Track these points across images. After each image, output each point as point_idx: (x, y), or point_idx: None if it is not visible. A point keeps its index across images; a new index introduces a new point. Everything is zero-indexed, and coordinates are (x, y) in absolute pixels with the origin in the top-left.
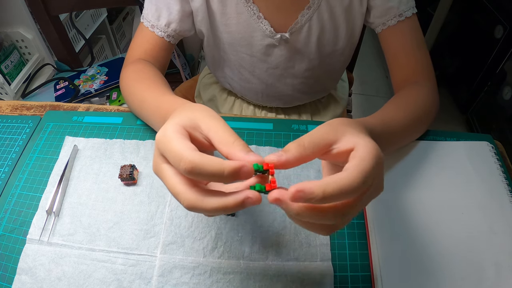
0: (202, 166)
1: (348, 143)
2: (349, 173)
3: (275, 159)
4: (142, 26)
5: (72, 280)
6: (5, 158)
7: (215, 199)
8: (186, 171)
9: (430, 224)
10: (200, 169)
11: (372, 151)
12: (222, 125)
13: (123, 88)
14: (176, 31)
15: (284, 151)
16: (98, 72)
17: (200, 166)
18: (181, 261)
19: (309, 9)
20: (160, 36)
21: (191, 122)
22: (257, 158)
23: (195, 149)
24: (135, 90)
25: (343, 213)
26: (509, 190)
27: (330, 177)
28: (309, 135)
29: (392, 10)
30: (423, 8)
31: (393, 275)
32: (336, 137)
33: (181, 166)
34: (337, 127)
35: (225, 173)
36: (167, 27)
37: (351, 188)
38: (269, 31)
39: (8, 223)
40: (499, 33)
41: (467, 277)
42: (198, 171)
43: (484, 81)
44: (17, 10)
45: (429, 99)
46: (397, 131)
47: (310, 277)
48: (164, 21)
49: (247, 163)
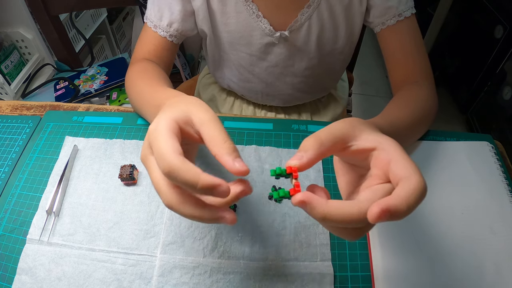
0: (179, 172)
1: (368, 141)
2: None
3: (297, 163)
4: (146, 26)
5: (72, 280)
6: (5, 158)
7: (192, 208)
8: (164, 172)
9: (430, 224)
10: (176, 174)
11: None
12: (214, 122)
13: (126, 86)
14: (178, 31)
15: (303, 151)
16: (98, 72)
17: (177, 172)
18: (181, 261)
19: (309, 7)
20: (163, 36)
21: (184, 115)
22: (242, 168)
23: (180, 153)
24: (135, 86)
25: None
26: (509, 190)
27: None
28: (326, 130)
29: (391, 10)
30: (423, 8)
31: (393, 275)
32: (354, 133)
33: (160, 165)
34: (354, 124)
35: (198, 186)
36: (169, 27)
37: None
38: (268, 30)
39: (8, 223)
40: (499, 33)
41: (467, 277)
42: (174, 176)
43: (484, 81)
44: (17, 10)
45: (429, 99)
46: (402, 131)
47: (310, 277)
48: (166, 21)
49: (224, 184)
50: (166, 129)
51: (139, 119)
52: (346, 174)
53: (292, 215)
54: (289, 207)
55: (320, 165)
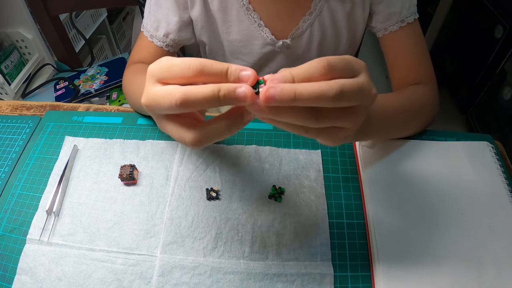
0: (210, 66)
1: None
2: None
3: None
4: (142, 34)
5: (72, 280)
6: (5, 158)
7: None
8: (197, 69)
9: (430, 224)
10: (208, 69)
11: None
12: (212, 61)
13: (123, 87)
14: (174, 41)
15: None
16: (98, 72)
17: (208, 67)
18: (181, 261)
19: (311, 14)
20: (159, 46)
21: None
22: (238, 66)
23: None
24: (132, 84)
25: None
26: (509, 190)
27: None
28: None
29: (394, 16)
30: (423, 8)
31: (393, 275)
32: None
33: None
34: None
35: (229, 69)
36: (165, 37)
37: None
38: (270, 39)
39: (8, 223)
40: (499, 33)
41: (467, 277)
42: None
43: (484, 81)
44: (17, 10)
45: (425, 94)
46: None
47: (310, 277)
48: (162, 31)
49: (249, 68)
50: (169, 56)
51: (139, 119)
52: None
53: (292, 215)
54: (289, 207)
55: (320, 165)
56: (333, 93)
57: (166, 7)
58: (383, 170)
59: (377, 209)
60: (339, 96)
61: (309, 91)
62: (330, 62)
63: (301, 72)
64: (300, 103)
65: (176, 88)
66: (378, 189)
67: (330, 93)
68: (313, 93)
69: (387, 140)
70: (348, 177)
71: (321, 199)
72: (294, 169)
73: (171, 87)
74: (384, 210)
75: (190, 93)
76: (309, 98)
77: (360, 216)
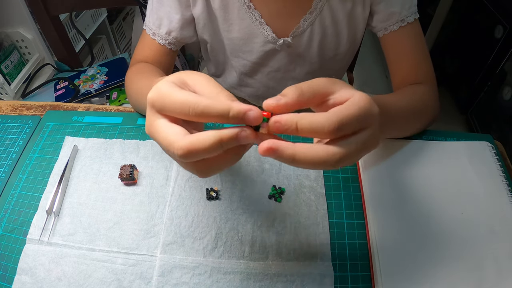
0: (211, 106)
1: (345, 94)
2: (326, 114)
3: (273, 102)
4: (145, 32)
5: (72, 280)
6: (5, 158)
7: (209, 133)
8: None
9: (430, 224)
10: (210, 109)
11: (360, 101)
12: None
13: (126, 86)
14: (177, 39)
15: (282, 95)
16: (98, 72)
17: (210, 107)
18: (181, 261)
19: (312, 13)
20: (162, 44)
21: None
22: (242, 106)
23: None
24: (134, 84)
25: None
26: (509, 190)
27: (307, 114)
28: (308, 83)
29: (394, 15)
30: (423, 8)
31: (393, 275)
32: (334, 88)
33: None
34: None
35: (230, 112)
36: (168, 35)
37: (322, 128)
38: (271, 37)
39: (8, 223)
40: (499, 33)
41: (468, 277)
42: (207, 112)
43: (484, 81)
44: (17, 10)
45: (425, 96)
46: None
47: (310, 277)
48: (164, 29)
49: (255, 108)
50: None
51: (139, 119)
52: None
53: (292, 215)
54: (289, 207)
55: None
56: (334, 161)
57: (168, 5)
58: (383, 170)
59: (377, 209)
60: (340, 164)
61: (307, 158)
62: (341, 124)
63: (306, 125)
64: (298, 166)
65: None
66: (378, 189)
67: (330, 161)
68: (311, 161)
69: (387, 140)
70: (348, 177)
71: (321, 199)
72: (294, 169)
73: (173, 136)
74: (384, 210)
75: (192, 148)
76: (306, 164)
77: (360, 216)
